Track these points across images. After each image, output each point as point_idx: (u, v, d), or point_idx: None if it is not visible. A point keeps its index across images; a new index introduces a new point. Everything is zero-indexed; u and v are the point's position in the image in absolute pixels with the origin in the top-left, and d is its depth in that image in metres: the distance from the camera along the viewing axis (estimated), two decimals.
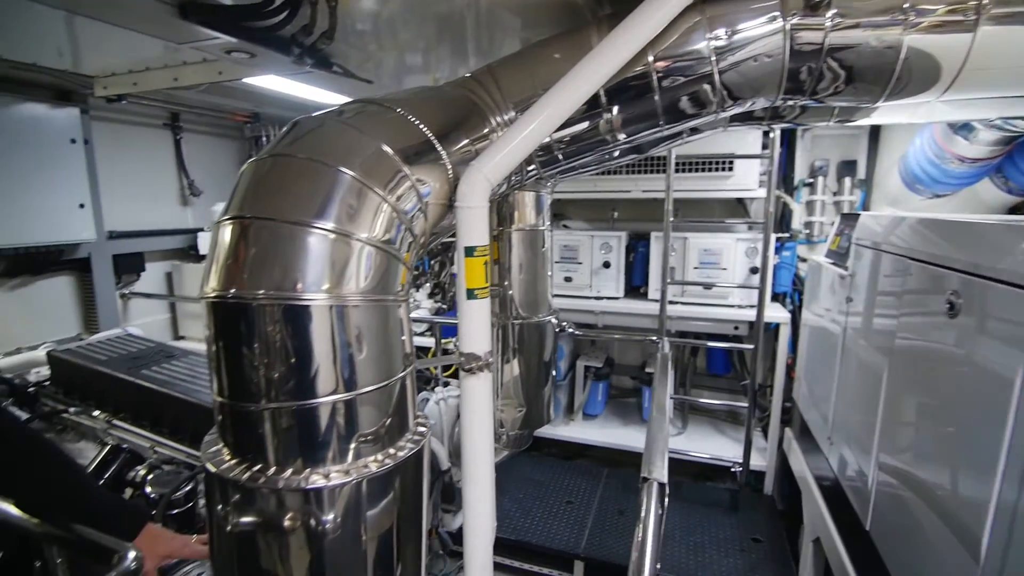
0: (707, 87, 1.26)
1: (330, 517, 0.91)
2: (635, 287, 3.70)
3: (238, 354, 0.88)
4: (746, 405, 3.23)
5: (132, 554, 0.94)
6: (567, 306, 3.52)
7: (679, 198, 3.09)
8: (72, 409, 1.97)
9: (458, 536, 2.48)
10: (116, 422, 1.90)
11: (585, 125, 1.39)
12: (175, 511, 1.51)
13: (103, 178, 3.24)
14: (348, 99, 3.27)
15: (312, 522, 0.90)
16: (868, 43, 1.18)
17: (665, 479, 1.16)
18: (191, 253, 3.95)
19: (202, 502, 1.60)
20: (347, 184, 0.93)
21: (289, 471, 0.88)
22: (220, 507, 0.92)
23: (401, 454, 0.99)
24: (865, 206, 3.43)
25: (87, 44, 2.32)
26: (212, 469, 0.90)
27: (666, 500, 1.13)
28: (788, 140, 3.44)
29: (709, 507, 3.16)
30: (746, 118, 1.98)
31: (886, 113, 1.75)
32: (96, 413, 1.93)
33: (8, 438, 1.05)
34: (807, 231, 3.56)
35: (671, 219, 3.05)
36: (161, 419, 1.83)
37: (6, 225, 2.71)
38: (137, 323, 3.49)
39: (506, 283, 2.14)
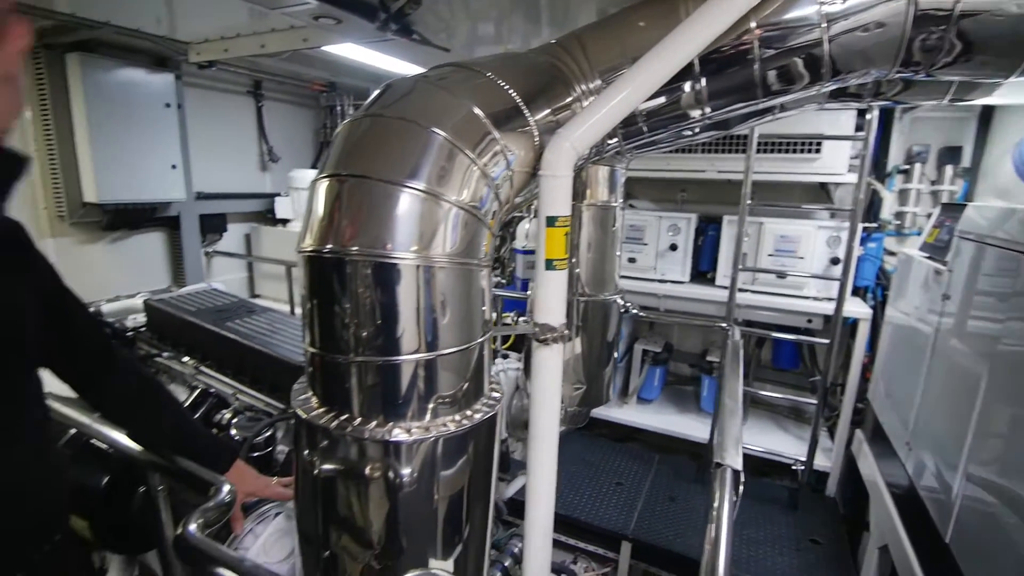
0: (813, 57, 1.17)
1: (407, 471, 0.94)
2: (701, 272, 3.57)
3: (331, 308, 0.91)
4: (813, 402, 3.07)
5: (227, 487, 1.02)
6: (628, 288, 3.45)
7: (757, 180, 2.92)
8: (165, 354, 2.14)
9: (511, 504, 2.53)
10: (203, 368, 2.04)
11: (672, 97, 1.33)
12: (255, 454, 1.61)
13: (192, 141, 3.45)
14: (422, 68, 3.29)
15: (391, 474, 0.93)
16: (1006, 8, 1.05)
17: (740, 466, 1.12)
18: (268, 216, 4.16)
19: (280, 447, 1.70)
20: (439, 145, 0.93)
21: (373, 423, 0.91)
22: (307, 452, 0.97)
23: (477, 417, 1.00)
24: (967, 197, 3.13)
25: (183, 11, 2.44)
26: (302, 415, 0.94)
27: (741, 488, 1.10)
28: (883, 122, 3.17)
29: (765, 503, 3.06)
30: (840, 94, 1.83)
31: (1014, 91, 1.58)
32: (185, 359, 2.09)
33: (126, 375, 1.16)
34: (897, 222, 3.29)
35: (748, 202, 2.89)
36: (243, 369, 1.95)
37: (109, 182, 2.93)
38: (218, 280, 3.72)
39: (573, 260, 2.11)
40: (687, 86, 1.26)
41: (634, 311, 2.48)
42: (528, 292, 2.16)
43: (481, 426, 1.01)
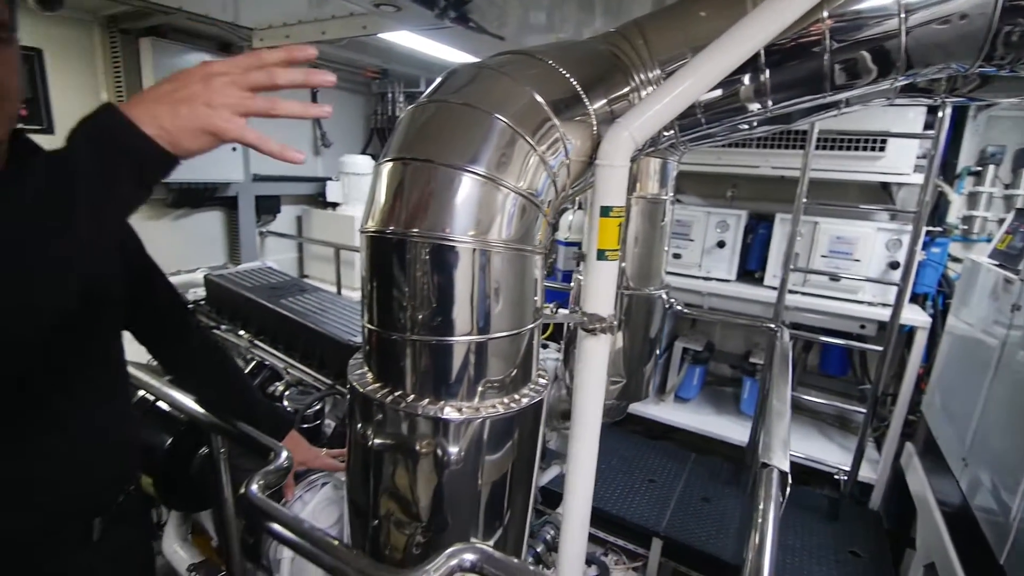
0: (887, 50, 1.12)
1: (455, 450, 0.97)
2: (749, 271, 3.48)
3: (389, 288, 0.94)
4: (862, 410, 2.96)
5: (285, 454, 1.07)
6: (673, 283, 3.38)
7: (813, 179, 2.82)
8: (223, 327, 2.25)
9: (543, 493, 2.55)
10: (257, 342, 2.14)
11: (733, 89, 1.30)
12: (305, 426, 1.69)
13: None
14: (476, 58, 3.30)
15: (439, 451, 0.96)
16: None
17: (787, 468, 1.10)
18: (319, 200, 4.29)
19: (327, 421, 1.77)
20: (500, 130, 0.95)
21: (425, 400, 0.94)
22: (360, 424, 1.01)
23: (524, 402, 1.02)
24: None
25: None
26: (358, 389, 0.98)
27: (787, 490, 1.08)
28: (955, 120, 2.99)
29: (804, 511, 2.98)
30: (910, 89, 1.74)
31: None
32: (241, 332, 2.19)
33: (199, 343, 1.24)
34: (964, 227, 3.11)
35: (804, 201, 2.79)
36: (294, 344, 2.04)
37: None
38: (270, 259, 3.87)
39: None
40: (750, 78, 1.23)
41: (678, 307, 2.44)
42: (572, 284, 2.15)
43: (528, 411, 1.03)
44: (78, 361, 0.92)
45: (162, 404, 1.58)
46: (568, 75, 1.09)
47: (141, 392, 1.53)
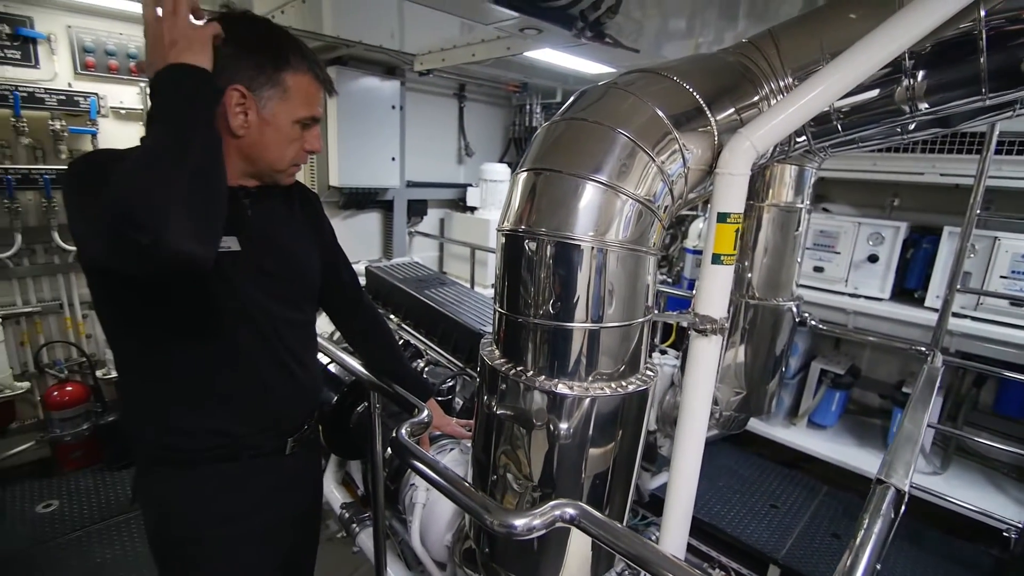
0: None
1: (564, 425, 1.10)
2: (907, 289, 3.12)
3: (518, 277, 1.11)
4: None
5: (426, 411, 1.30)
6: (812, 299, 3.17)
7: (994, 187, 2.46)
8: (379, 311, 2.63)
9: (651, 500, 2.57)
10: (404, 325, 2.48)
11: (876, 92, 1.26)
12: (439, 399, 1.94)
13: (407, 137, 4.08)
14: (611, 68, 3.42)
15: (551, 426, 1.10)
16: None
17: (905, 488, 1.05)
18: (460, 204, 4.72)
19: (457, 400, 2.01)
20: (622, 144, 1.06)
21: (542, 376, 1.09)
22: (487, 393, 1.19)
23: (630, 388, 1.12)
24: None
25: (411, 28, 2.91)
26: (487, 362, 1.16)
27: (902, 510, 1.04)
28: None
29: (960, 566, 2.61)
30: None
31: None
32: (391, 316, 2.55)
33: (369, 316, 1.55)
34: None
35: (978, 212, 2.46)
36: (434, 330, 2.32)
37: (347, 170, 3.65)
38: (417, 256, 4.35)
39: (746, 262, 2.06)
40: (893, 80, 1.20)
41: (812, 322, 2.31)
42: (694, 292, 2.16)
43: (633, 396, 1.13)
44: (303, 320, 1.25)
45: (331, 368, 1.93)
46: (691, 89, 1.17)
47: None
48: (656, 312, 1.22)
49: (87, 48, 3.09)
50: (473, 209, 4.60)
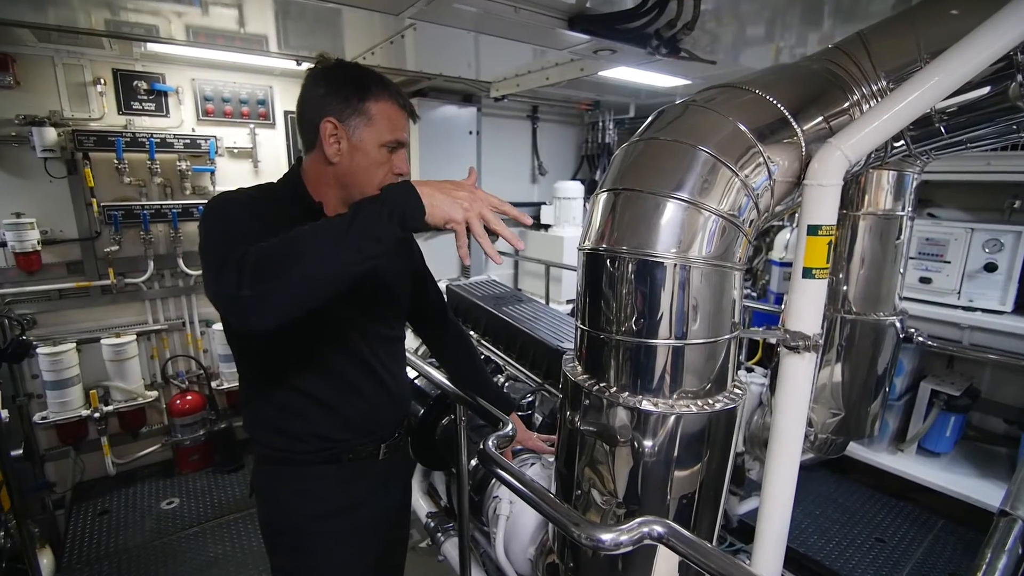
0: None
1: (649, 442, 1.10)
2: None
3: (599, 294, 1.13)
4: None
5: (511, 425, 1.35)
6: (918, 312, 2.90)
7: None
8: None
9: (739, 527, 2.45)
10: (483, 341, 2.55)
11: (986, 91, 1.18)
12: (520, 414, 1.98)
13: (484, 160, 4.23)
14: (686, 80, 3.38)
15: (635, 442, 1.10)
16: None
17: None
18: (534, 222, 4.80)
19: (536, 416, 2.04)
20: (703, 160, 1.06)
21: (626, 393, 1.10)
22: (569, 409, 1.21)
23: (717, 407, 1.10)
24: None
25: (486, 58, 3.05)
26: (569, 377, 1.19)
27: None
28: None
29: None
30: None
31: None
32: (472, 332, 2.64)
33: (455, 332, 1.63)
34: None
35: None
36: (512, 346, 2.38)
37: None
38: (494, 274, 4.47)
39: (840, 275, 1.94)
40: (1007, 77, 1.12)
41: (920, 339, 2.12)
42: (783, 305, 2.06)
43: (720, 415, 1.10)
44: (394, 336, 1.36)
45: (417, 382, 2.03)
46: (775, 101, 1.15)
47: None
48: (743, 328, 1.19)
49: (207, 97, 3.52)
50: (547, 227, 4.66)
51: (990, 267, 2.73)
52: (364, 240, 0.95)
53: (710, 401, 1.11)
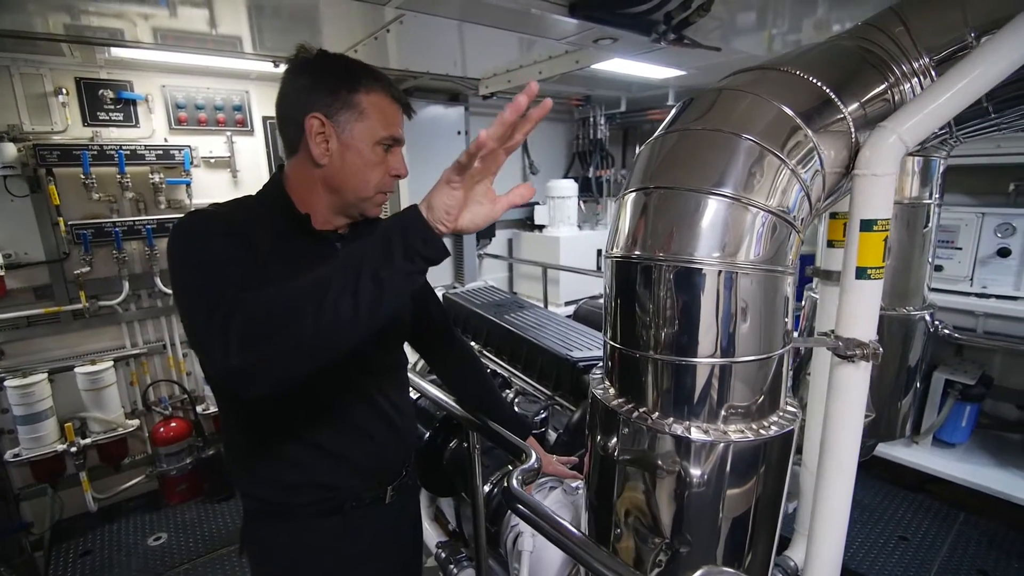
0: None
1: (697, 472, 0.96)
2: None
3: (632, 307, 0.99)
4: None
5: (534, 456, 1.20)
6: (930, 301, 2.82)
7: None
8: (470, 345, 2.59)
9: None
10: (485, 352, 2.41)
11: None
12: (533, 432, 1.84)
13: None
14: (680, 71, 3.24)
15: (681, 472, 0.97)
16: None
17: None
18: (527, 223, 4.66)
19: (551, 432, 1.91)
20: (747, 149, 0.93)
21: (670, 418, 0.97)
22: (601, 435, 1.07)
23: (773, 430, 0.97)
24: None
25: (472, 51, 2.89)
26: (601, 401, 1.05)
27: None
28: None
29: None
30: None
31: None
32: (472, 343, 2.49)
33: (460, 351, 1.48)
34: None
35: None
36: (517, 356, 2.24)
37: (417, 197, 3.67)
38: (488, 278, 4.32)
39: None
40: None
41: (945, 331, 2.03)
42: (803, 302, 1.95)
43: (776, 441, 0.98)
44: (396, 363, 1.20)
45: (420, 403, 1.89)
46: (816, 80, 1.03)
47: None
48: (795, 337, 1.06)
49: (179, 104, 3.32)
50: (541, 227, 4.53)
51: (1003, 252, 2.66)
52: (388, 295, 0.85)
53: (764, 423, 0.98)
